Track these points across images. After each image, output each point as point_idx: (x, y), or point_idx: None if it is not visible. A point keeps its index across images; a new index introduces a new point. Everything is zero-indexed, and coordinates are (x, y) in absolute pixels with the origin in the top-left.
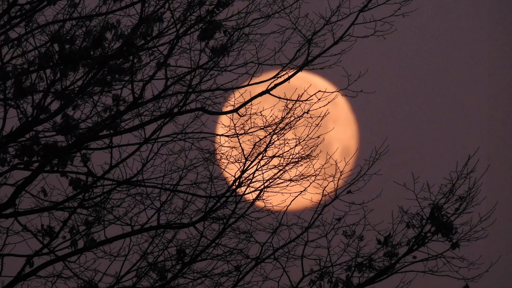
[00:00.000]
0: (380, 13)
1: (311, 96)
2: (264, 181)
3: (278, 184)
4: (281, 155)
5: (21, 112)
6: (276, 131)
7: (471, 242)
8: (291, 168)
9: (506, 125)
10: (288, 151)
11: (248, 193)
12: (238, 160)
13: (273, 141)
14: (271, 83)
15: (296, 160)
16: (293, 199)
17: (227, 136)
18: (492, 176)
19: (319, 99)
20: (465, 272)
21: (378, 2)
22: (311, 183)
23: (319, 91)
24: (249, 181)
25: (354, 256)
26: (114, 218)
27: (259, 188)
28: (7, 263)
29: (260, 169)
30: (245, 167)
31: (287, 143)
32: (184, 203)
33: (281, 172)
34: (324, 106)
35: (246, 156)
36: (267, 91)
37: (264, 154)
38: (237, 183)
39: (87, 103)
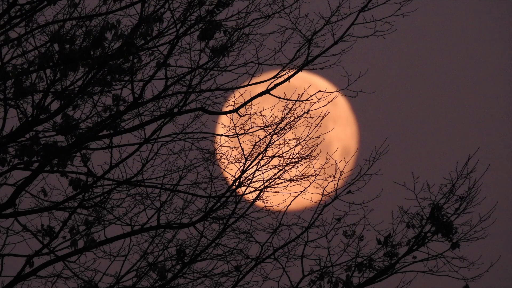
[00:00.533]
0: (380, 13)
1: (311, 96)
2: (264, 181)
3: (278, 184)
4: (281, 155)
5: (21, 112)
6: (276, 131)
7: (471, 242)
8: (291, 168)
9: (506, 125)
10: (288, 151)
11: (248, 193)
12: (238, 160)
13: (273, 141)
14: (271, 83)
15: (296, 160)
16: (293, 199)
17: (227, 136)
18: (492, 176)
19: (319, 99)
20: (465, 272)
21: (378, 2)
22: (311, 183)
23: (319, 91)
24: (249, 181)
25: (354, 256)
26: (114, 218)
27: (259, 188)
28: (7, 263)
29: (260, 169)
30: (245, 167)
31: (287, 143)
32: (184, 203)
33: (281, 172)
34: (324, 106)
35: (246, 156)
36: (267, 91)
37: (264, 154)
38: (237, 183)
39: (87, 103)
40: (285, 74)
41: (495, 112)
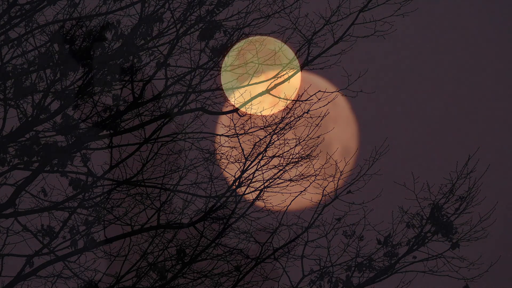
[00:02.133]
0: (380, 13)
1: (311, 96)
2: (264, 181)
3: (278, 184)
4: (281, 155)
5: (21, 112)
6: (276, 131)
7: (471, 242)
8: (291, 168)
9: (506, 125)
10: (288, 151)
11: (248, 193)
12: (238, 160)
13: (273, 141)
14: (271, 83)
15: (296, 160)
16: (293, 199)
17: (227, 136)
18: (492, 176)
19: (319, 99)
20: (465, 272)
21: (378, 2)
22: (311, 183)
23: (319, 91)
24: (249, 181)
25: (354, 256)
26: (114, 218)
27: (259, 188)
28: (7, 263)
29: (260, 169)
30: (245, 167)
31: (287, 143)
32: (184, 203)
33: (281, 172)
34: (324, 106)
35: (246, 156)
36: (267, 91)
37: (264, 154)
38: (237, 183)
39: (87, 103)
40: (285, 74)
41: (495, 112)
